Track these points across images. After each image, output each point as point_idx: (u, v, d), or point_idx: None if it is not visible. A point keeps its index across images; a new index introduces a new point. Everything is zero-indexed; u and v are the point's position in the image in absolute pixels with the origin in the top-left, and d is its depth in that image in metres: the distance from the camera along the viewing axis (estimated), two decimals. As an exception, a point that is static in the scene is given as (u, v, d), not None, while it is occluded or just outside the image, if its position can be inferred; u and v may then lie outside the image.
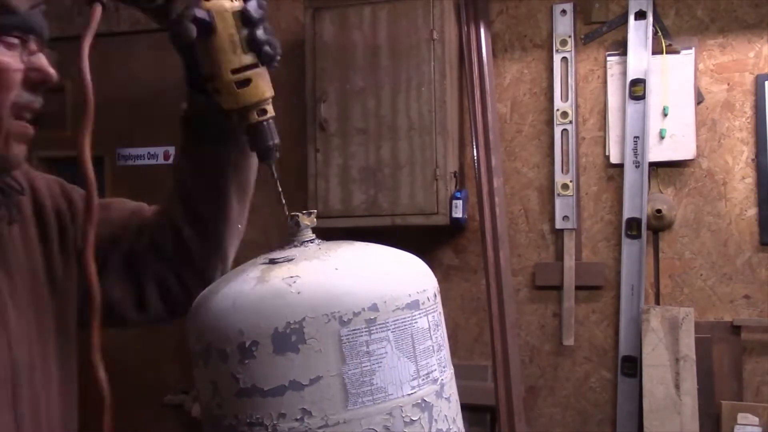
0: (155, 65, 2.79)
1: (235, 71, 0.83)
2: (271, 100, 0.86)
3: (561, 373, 2.50)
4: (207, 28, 0.82)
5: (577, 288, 2.46)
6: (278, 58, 0.85)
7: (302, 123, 2.47)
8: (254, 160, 0.96)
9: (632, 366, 2.38)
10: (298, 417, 0.76)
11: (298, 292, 0.77)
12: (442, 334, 0.87)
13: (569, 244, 2.47)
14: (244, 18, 0.83)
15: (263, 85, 0.85)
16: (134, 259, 0.96)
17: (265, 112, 0.85)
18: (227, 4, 0.83)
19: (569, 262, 2.46)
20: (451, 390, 0.86)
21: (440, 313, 0.89)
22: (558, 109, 2.49)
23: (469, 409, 2.43)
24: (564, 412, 2.49)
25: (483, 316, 2.53)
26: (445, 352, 0.87)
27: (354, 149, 2.39)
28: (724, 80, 2.38)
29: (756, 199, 2.34)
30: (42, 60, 0.82)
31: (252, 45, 0.83)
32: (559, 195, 2.48)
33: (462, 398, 0.91)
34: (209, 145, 0.93)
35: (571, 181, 2.47)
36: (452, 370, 0.89)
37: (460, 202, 2.36)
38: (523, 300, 2.53)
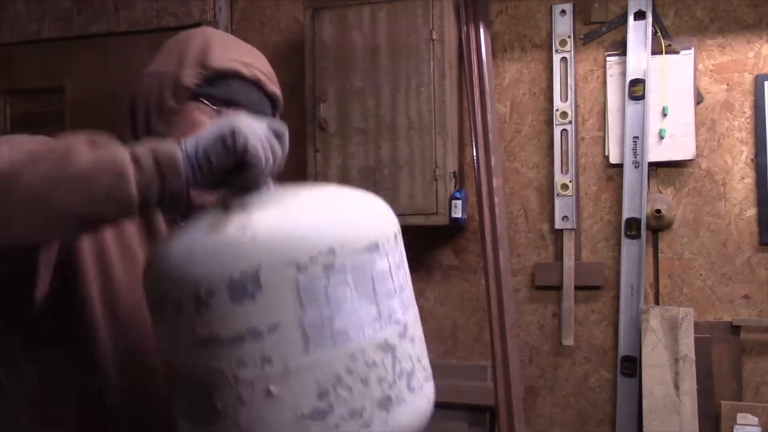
0: (155, 65, 2.77)
1: None
2: None
3: (560, 373, 2.50)
4: None
5: (577, 288, 2.46)
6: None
7: (302, 123, 2.47)
8: None
9: (632, 366, 2.38)
10: (258, 364, 0.74)
11: (253, 239, 0.74)
12: (404, 275, 0.85)
13: (569, 244, 2.47)
14: None
15: None
16: None
17: None
18: None
19: (568, 262, 2.46)
20: (416, 329, 0.84)
21: (402, 253, 0.86)
22: (557, 109, 2.49)
23: (468, 409, 2.42)
24: (563, 412, 2.49)
25: (482, 316, 2.53)
26: (408, 293, 0.85)
27: (353, 149, 2.39)
28: (723, 80, 2.38)
29: (755, 199, 2.34)
30: None
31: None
32: (558, 195, 2.48)
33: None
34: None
35: (570, 181, 2.47)
36: (416, 310, 0.87)
37: (460, 202, 2.36)
38: (523, 300, 2.53)
